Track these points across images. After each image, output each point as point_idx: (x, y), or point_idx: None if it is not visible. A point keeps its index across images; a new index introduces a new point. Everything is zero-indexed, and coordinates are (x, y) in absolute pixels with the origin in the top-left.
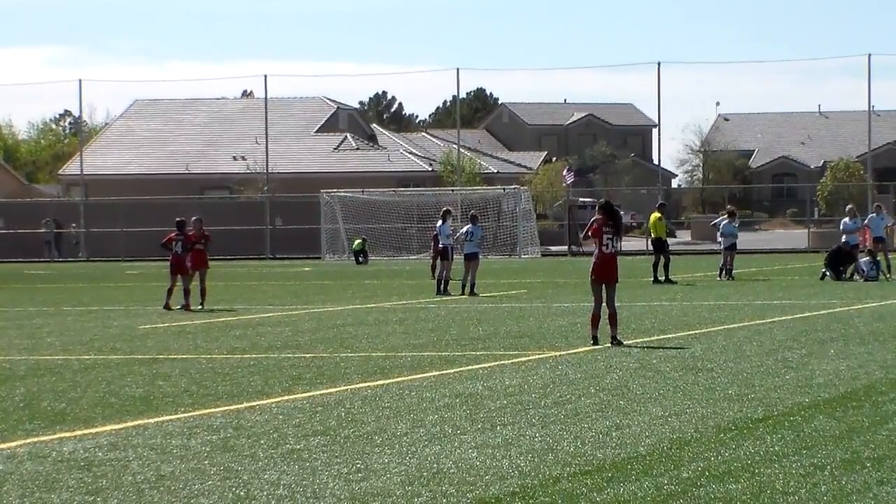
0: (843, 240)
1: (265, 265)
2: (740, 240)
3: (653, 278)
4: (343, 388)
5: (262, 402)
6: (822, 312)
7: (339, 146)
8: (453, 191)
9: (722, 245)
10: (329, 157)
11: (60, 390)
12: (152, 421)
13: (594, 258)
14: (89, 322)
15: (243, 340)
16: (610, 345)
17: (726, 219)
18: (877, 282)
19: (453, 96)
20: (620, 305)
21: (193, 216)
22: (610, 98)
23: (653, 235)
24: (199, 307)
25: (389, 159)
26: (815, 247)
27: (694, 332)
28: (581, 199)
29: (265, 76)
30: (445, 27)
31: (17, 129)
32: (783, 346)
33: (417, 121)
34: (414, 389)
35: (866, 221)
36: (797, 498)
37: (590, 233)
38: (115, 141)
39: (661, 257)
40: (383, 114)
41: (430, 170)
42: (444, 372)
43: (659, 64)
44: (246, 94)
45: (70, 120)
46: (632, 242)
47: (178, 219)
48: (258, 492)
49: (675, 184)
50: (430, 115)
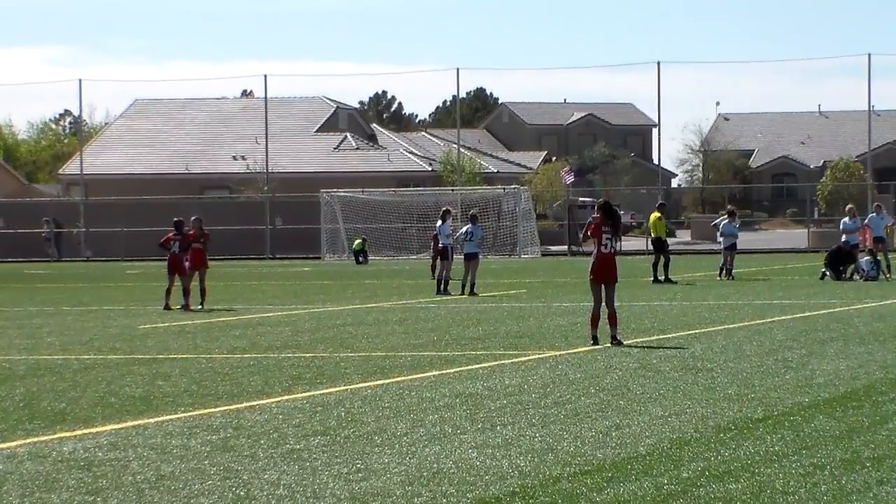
0: (843, 240)
1: (265, 265)
2: (740, 240)
3: (653, 278)
4: (343, 388)
5: (262, 402)
6: (822, 312)
7: (339, 146)
8: (453, 191)
9: (722, 245)
10: (329, 156)
11: (60, 390)
12: (152, 421)
13: (593, 258)
14: (89, 322)
15: (243, 340)
16: (610, 345)
17: (726, 219)
18: (877, 282)
19: (453, 96)
20: (620, 305)
21: (193, 216)
22: (610, 98)
23: (653, 235)
24: (199, 307)
25: (389, 159)
26: (815, 247)
27: (694, 332)
28: (581, 199)
29: (265, 76)
30: (445, 27)
31: (17, 129)
32: (783, 346)
33: (417, 120)
34: (414, 389)
35: (866, 221)
36: (797, 498)
37: (588, 232)
38: (115, 141)
39: (661, 257)
40: (383, 113)
41: (430, 170)
42: (444, 372)
43: (659, 64)
44: (246, 94)
45: (70, 120)
46: (632, 242)
47: (176, 219)
48: (258, 492)
49: (675, 184)
50: (430, 115)
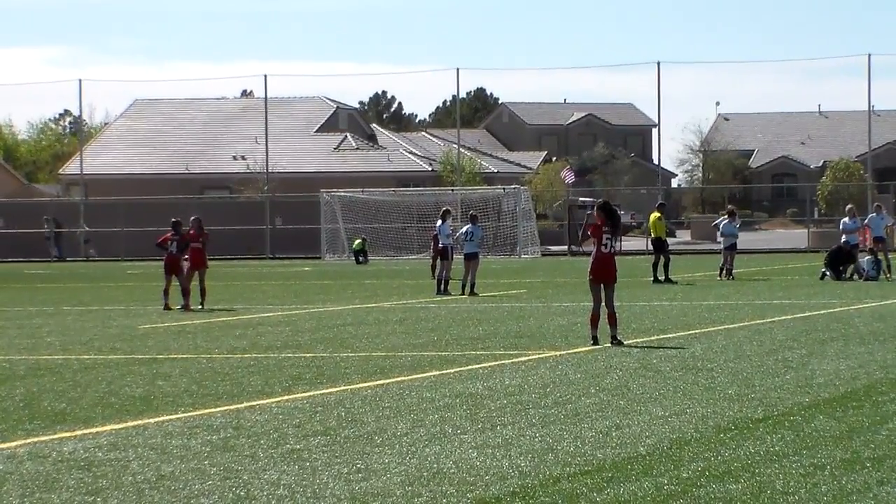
0: (843, 240)
1: (265, 265)
2: (740, 240)
3: (653, 278)
4: (343, 388)
5: (262, 402)
6: (822, 312)
7: (338, 146)
8: (453, 191)
9: (722, 245)
10: (329, 156)
11: (60, 390)
12: (152, 421)
13: (593, 258)
14: (89, 322)
15: (243, 340)
16: (610, 345)
17: (726, 219)
18: (877, 282)
19: (453, 96)
20: (620, 305)
21: (193, 216)
22: (610, 98)
23: (653, 235)
24: (199, 307)
25: (389, 159)
26: (815, 247)
27: (694, 332)
28: (581, 199)
29: (265, 76)
30: (445, 27)
31: (17, 129)
32: (783, 345)
33: (417, 120)
34: (414, 389)
35: (866, 221)
36: (797, 498)
37: (589, 232)
38: (115, 141)
39: (661, 257)
40: (383, 113)
41: (430, 170)
42: (444, 372)
43: (659, 64)
44: (246, 94)
45: (70, 120)
46: (632, 242)
47: (174, 219)
48: (258, 492)
49: (674, 184)
50: (430, 115)
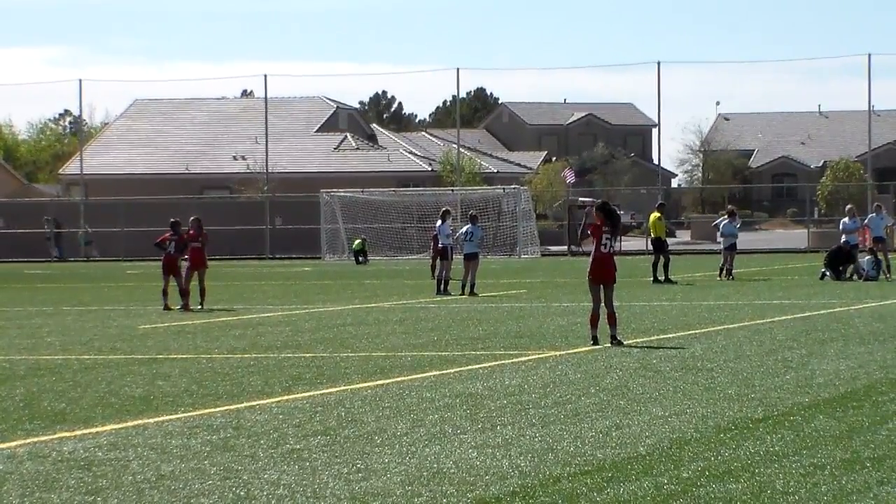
0: (843, 240)
1: (265, 265)
2: (740, 240)
3: (652, 278)
4: (343, 388)
5: (262, 402)
6: (822, 312)
7: (338, 146)
8: (453, 191)
9: (722, 245)
10: (329, 156)
11: (60, 390)
12: (152, 421)
13: (592, 258)
14: (89, 322)
15: (243, 340)
16: (610, 345)
17: (726, 219)
18: (877, 282)
19: (453, 96)
20: (620, 305)
21: (192, 216)
22: (610, 98)
23: (652, 235)
24: (199, 307)
25: (389, 159)
26: (815, 247)
27: (694, 332)
28: (581, 199)
29: (265, 76)
30: (445, 27)
31: (17, 129)
32: (783, 345)
33: (417, 120)
34: (414, 389)
35: (866, 221)
36: (797, 498)
37: (589, 231)
38: (115, 141)
39: (661, 257)
40: (383, 113)
41: (430, 170)
42: (444, 372)
43: (659, 64)
44: (246, 94)
45: (70, 120)
46: (632, 242)
47: (173, 219)
48: (258, 492)
49: (674, 184)
50: (430, 115)
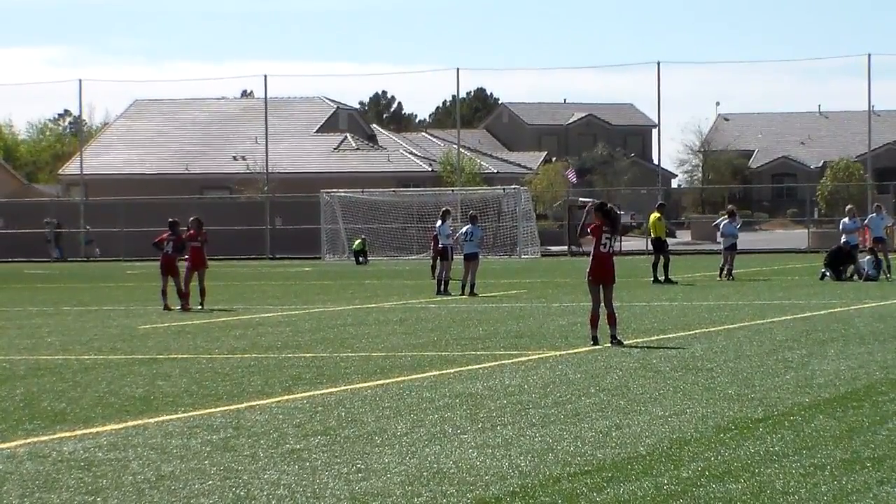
0: (843, 240)
1: (265, 265)
2: (740, 240)
3: (652, 278)
4: (343, 388)
5: (262, 402)
6: (822, 312)
7: (338, 146)
8: (453, 191)
9: (722, 245)
10: (329, 157)
11: (60, 390)
12: (152, 421)
13: (591, 258)
14: (89, 322)
15: (243, 340)
16: (610, 345)
17: (726, 219)
18: (877, 282)
19: (453, 96)
20: (620, 305)
21: (192, 216)
22: (610, 98)
23: (652, 235)
24: (199, 307)
25: (389, 159)
26: (815, 247)
27: (694, 332)
28: (581, 199)
29: (265, 76)
30: (445, 27)
31: (17, 129)
32: (783, 346)
33: (417, 121)
34: (414, 389)
35: (866, 221)
36: (797, 498)
37: (588, 230)
38: (115, 141)
39: (661, 257)
40: (383, 114)
41: (430, 170)
42: (444, 372)
43: (659, 64)
44: (246, 94)
45: (70, 120)
46: (631, 242)
47: (171, 219)
48: (258, 492)
49: (674, 184)
50: (430, 115)
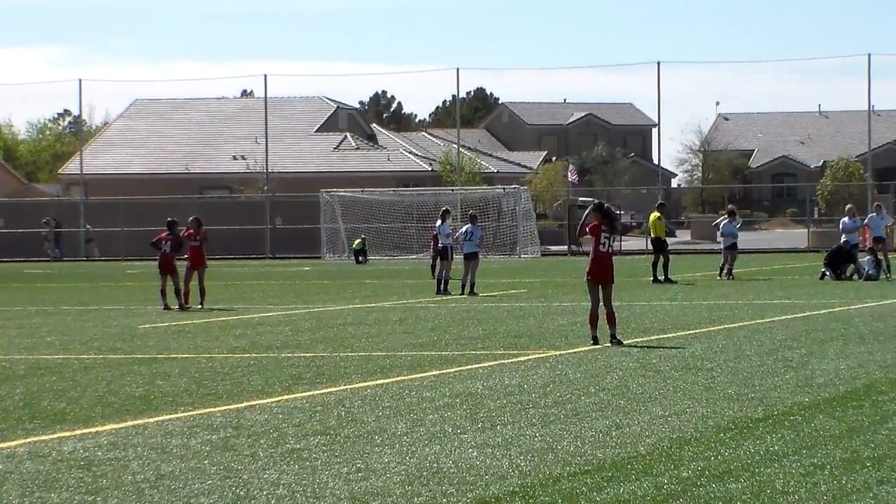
0: (843, 239)
1: (265, 265)
2: (740, 239)
3: (652, 278)
4: (343, 387)
5: (262, 401)
6: (821, 312)
7: (338, 146)
8: (453, 190)
9: (722, 245)
10: (329, 156)
11: (60, 390)
12: (152, 420)
13: (590, 258)
14: (89, 321)
15: (243, 340)
16: (609, 344)
17: (726, 219)
18: (877, 281)
19: (453, 96)
20: (620, 305)
21: (191, 216)
22: (610, 98)
23: (652, 235)
24: (199, 306)
25: (389, 159)
26: (815, 246)
27: (694, 331)
28: (581, 198)
29: (265, 76)
30: (445, 27)
31: (17, 129)
32: (783, 345)
33: (417, 120)
34: (414, 389)
35: (866, 221)
36: (797, 497)
37: (587, 229)
38: (115, 141)
39: (661, 257)
40: (383, 113)
41: (430, 169)
42: (444, 371)
43: (659, 64)
44: (246, 94)
45: (70, 120)
46: (631, 242)
47: (169, 219)
48: (258, 491)
49: (674, 183)
50: (430, 115)
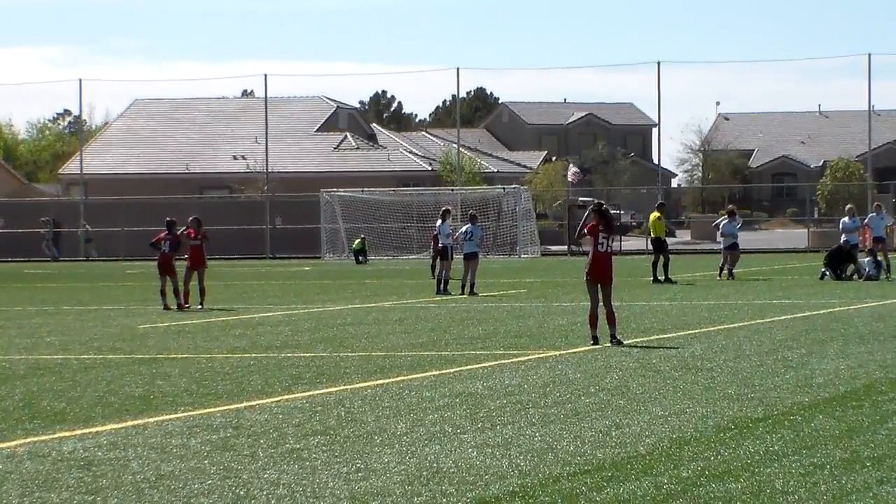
0: (843, 239)
1: (265, 265)
2: (740, 239)
3: (652, 278)
4: (343, 387)
5: (262, 401)
6: (821, 312)
7: (338, 146)
8: (453, 190)
9: (722, 245)
10: (329, 156)
11: (60, 390)
12: (152, 420)
13: (589, 258)
14: (89, 321)
15: (243, 340)
16: (609, 344)
17: (726, 219)
18: (877, 281)
19: (453, 96)
20: (620, 305)
21: (191, 216)
22: (610, 98)
23: (652, 235)
24: (199, 306)
25: (389, 159)
26: (815, 246)
27: (694, 331)
28: (581, 198)
29: (265, 76)
30: (445, 27)
31: (17, 129)
32: (783, 345)
33: (417, 120)
34: (414, 389)
35: (866, 221)
36: (797, 497)
37: (585, 230)
38: (115, 141)
39: (661, 257)
40: (383, 113)
41: (430, 169)
42: (444, 371)
43: (659, 63)
44: (246, 94)
45: (70, 119)
46: (631, 242)
47: (168, 219)
48: (258, 491)
49: (674, 183)
50: (430, 115)
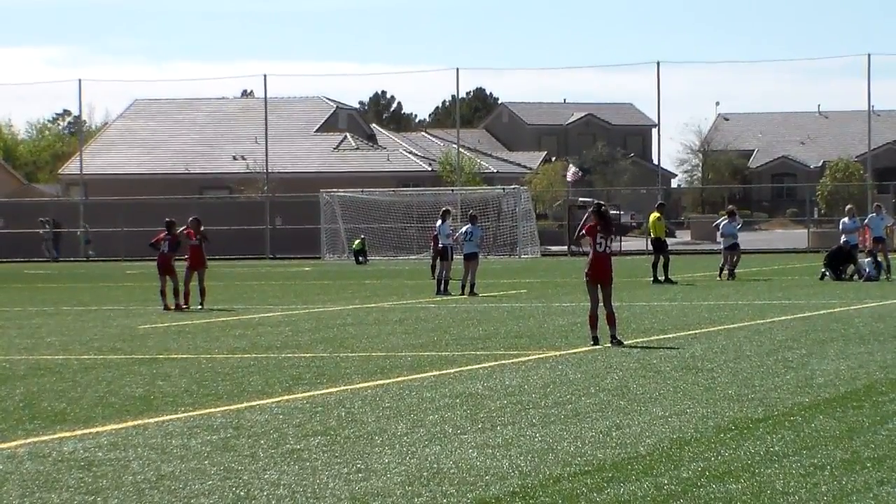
0: (843, 240)
1: (265, 265)
2: (740, 239)
3: (652, 278)
4: (343, 388)
5: (262, 402)
6: (821, 312)
7: (338, 146)
8: (453, 191)
9: (722, 245)
10: (329, 156)
11: (60, 390)
12: (152, 421)
13: (589, 259)
14: (89, 322)
15: (243, 340)
16: (610, 345)
17: (726, 219)
18: (877, 282)
19: (453, 96)
20: (620, 305)
21: (191, 216)
22: (610, 98)
23: (652, 235)
24: (199, 307)
25: (389, 159)
26: (815, 247)
27: (694, 332)
28: (581, 199)
29: (265, 76)
30: (445, 27)
31: (17, 129)
32: (783, 346)
33: (417, 120)
34: (414, 389)
35: (866, 221)
36: (797, 498)
37: (584, 231)
38: (115, 141)
39: (661, 257)
40: (383, 113)
41: (430, 170)
42: (444, 372)
43: (658, 64)
44: (246, 94)
45: (70, 119)
46: (631, 242)
47: (168, 219)
48: (258, 492)
49: (674, 184)
50: (430, 115)
